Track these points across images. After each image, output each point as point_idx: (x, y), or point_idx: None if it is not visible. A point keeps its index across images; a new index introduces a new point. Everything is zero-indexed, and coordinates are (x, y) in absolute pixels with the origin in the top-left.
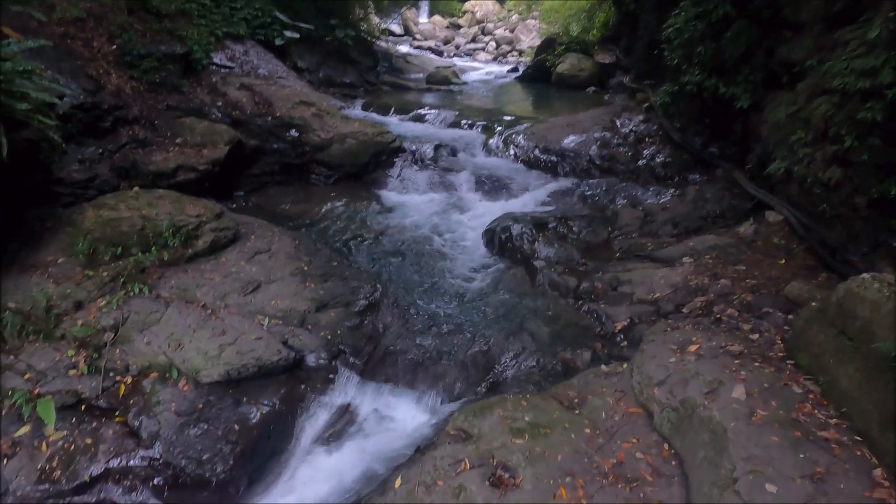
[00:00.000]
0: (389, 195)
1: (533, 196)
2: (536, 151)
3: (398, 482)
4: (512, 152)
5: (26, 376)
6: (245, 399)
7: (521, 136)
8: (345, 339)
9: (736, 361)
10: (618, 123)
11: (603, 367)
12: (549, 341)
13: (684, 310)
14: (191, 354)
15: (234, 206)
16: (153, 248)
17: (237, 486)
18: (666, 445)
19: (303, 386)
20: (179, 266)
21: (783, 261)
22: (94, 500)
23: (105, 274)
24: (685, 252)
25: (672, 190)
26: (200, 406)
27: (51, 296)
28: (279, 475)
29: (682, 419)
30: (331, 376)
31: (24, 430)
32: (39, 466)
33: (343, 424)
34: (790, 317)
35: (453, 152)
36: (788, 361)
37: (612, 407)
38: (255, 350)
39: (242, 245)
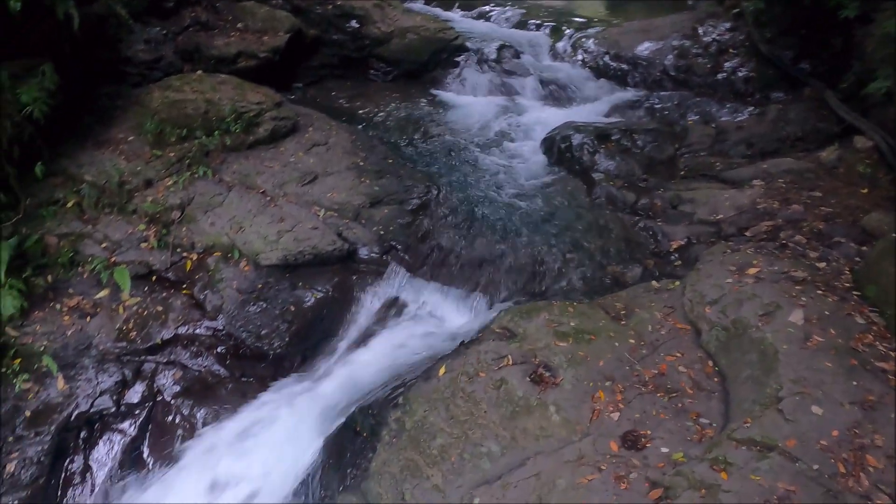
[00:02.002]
0: (448, 96)
1: (598, 106)
2: (606, 58)
3: (442, 370)
4: (580, 58)
5: (103, 245)
6: (301, 284)
7: (591, 40)
8: (397, 235)
9: (797, 287)
10: (700, 31)
11: (654, 282)
12: (601, 254)
13: (748, 233)
14: (251, 237)
15: (293, 97)
16: (216, 133)
17: (291, 362)
18: (710, 362)
19: (354, 277)
20: (241, 152)
21: (866, 190)
22: (165, 360)
23: (172, 155)
24: (757, 174)
25: (751, 108)
26: (260, 286)
27: (123, 172)
28: (330, 355)
29: (732, 338)
30: (381, 270)
31: (104, 293)
32: (117, 327)
33: (391, 315)
34: (864, 248)
35: (517, 54)
36: (855, 292)
37: (660, 321)
38: (312, 238)
39: (301, 136)
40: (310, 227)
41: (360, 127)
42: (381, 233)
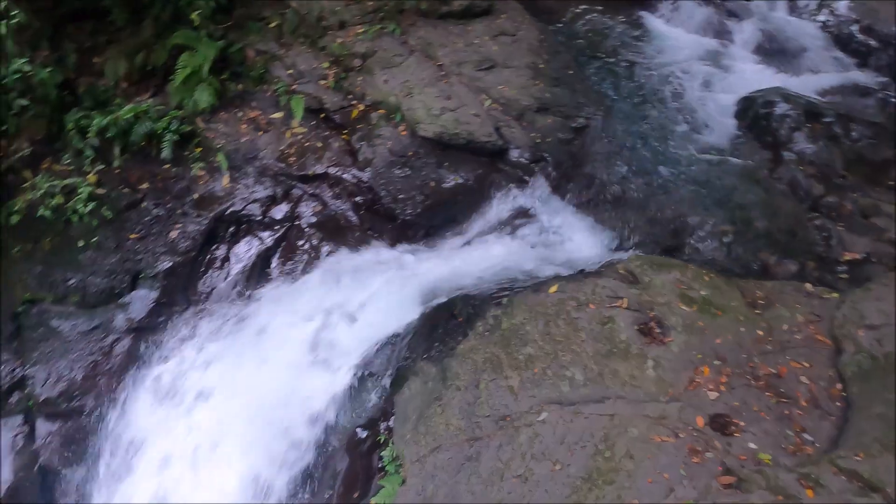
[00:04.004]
0: (655, 22)
1: (818, 80)
2: (854, 27)
3: (554, 288)
4: (822, 18)
5: (289, 71)
6: (446, 164)
7: (843, 1)
8: (552, 148)
9: None
10: None
11: (807, 284)
12: (757, 236)
13: None
14: (416, 105)
15: None
16: None
17: (416, 232)
18: (839, 385)
19: (497, 175)
20: (430, 20)
21: None
22: (311, 191)
23: (370, 3)
24: None
25: None
26: (410, 153)
27: (323, 8)
28: (451, 240)
29: (877, 369)
30: (526, 177)
31: (278, 115)
32: (281, 148)
33: (520, 223)
34: None
35: None
36: None
37: (798, 325)
38: (471, 125)
39: (491, 21)
40: (472, 112)
41: (551, 28)
42: (538, 141)
